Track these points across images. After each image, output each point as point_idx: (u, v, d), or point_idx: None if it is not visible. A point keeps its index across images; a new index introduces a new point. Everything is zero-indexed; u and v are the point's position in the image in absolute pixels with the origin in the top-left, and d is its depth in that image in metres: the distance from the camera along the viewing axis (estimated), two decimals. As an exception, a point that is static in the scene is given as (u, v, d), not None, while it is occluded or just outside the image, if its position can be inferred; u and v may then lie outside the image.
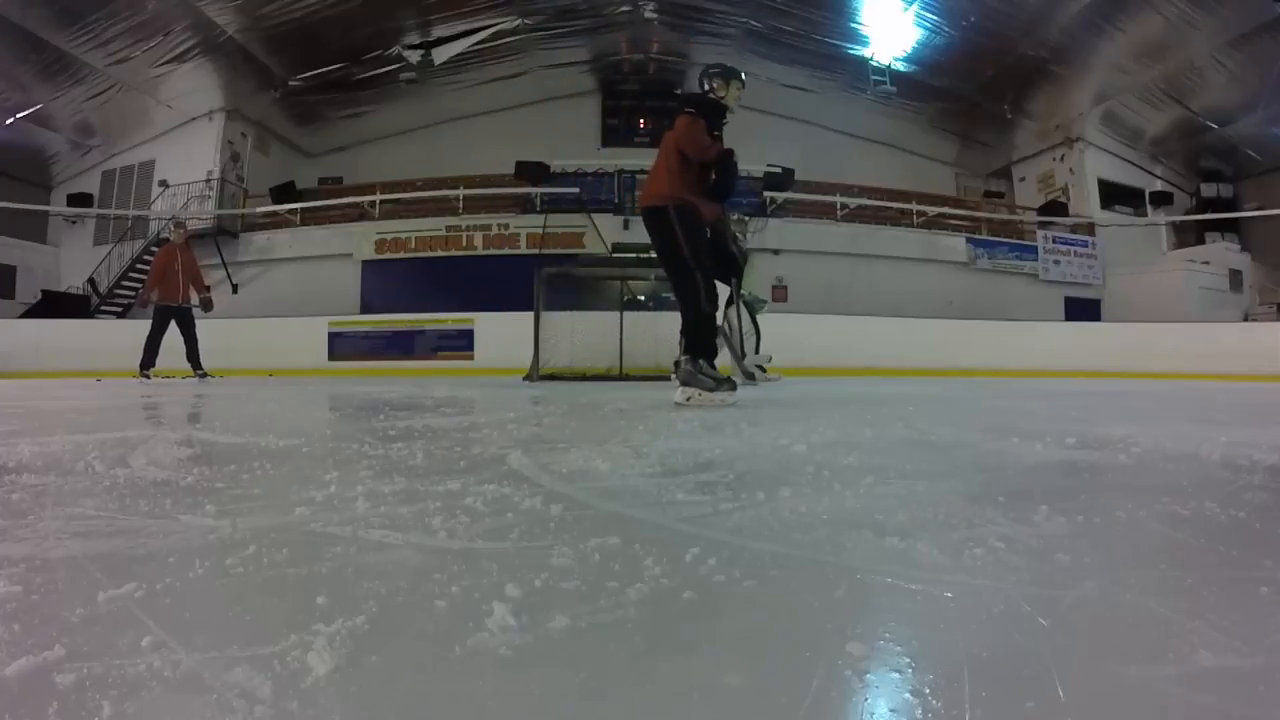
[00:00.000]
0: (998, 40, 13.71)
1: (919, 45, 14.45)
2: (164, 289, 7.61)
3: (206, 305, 7.94)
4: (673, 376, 3.36)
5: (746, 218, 6.83)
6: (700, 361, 3.35)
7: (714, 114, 3.58)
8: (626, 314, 8.75)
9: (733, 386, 3.36)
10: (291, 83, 14.83)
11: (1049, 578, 0.68)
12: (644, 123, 17.45)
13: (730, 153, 3.53)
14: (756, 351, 6.30)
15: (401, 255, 13.92)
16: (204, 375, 7.65)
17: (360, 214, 14.45)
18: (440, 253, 13.81)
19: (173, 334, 7.60)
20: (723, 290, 6.07)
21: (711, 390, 3.25)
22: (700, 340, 3.42)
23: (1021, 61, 14.12)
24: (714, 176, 3.56)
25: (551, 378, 7.39)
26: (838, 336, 10.39)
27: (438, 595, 0.63)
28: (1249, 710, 0.44)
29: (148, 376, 7.39)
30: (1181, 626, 0.56)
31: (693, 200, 3.46)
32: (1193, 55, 12.89)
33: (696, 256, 3.41)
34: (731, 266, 6.09)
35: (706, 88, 3.70)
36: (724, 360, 5.92)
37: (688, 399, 3.22)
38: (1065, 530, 0.87)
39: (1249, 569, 0.74)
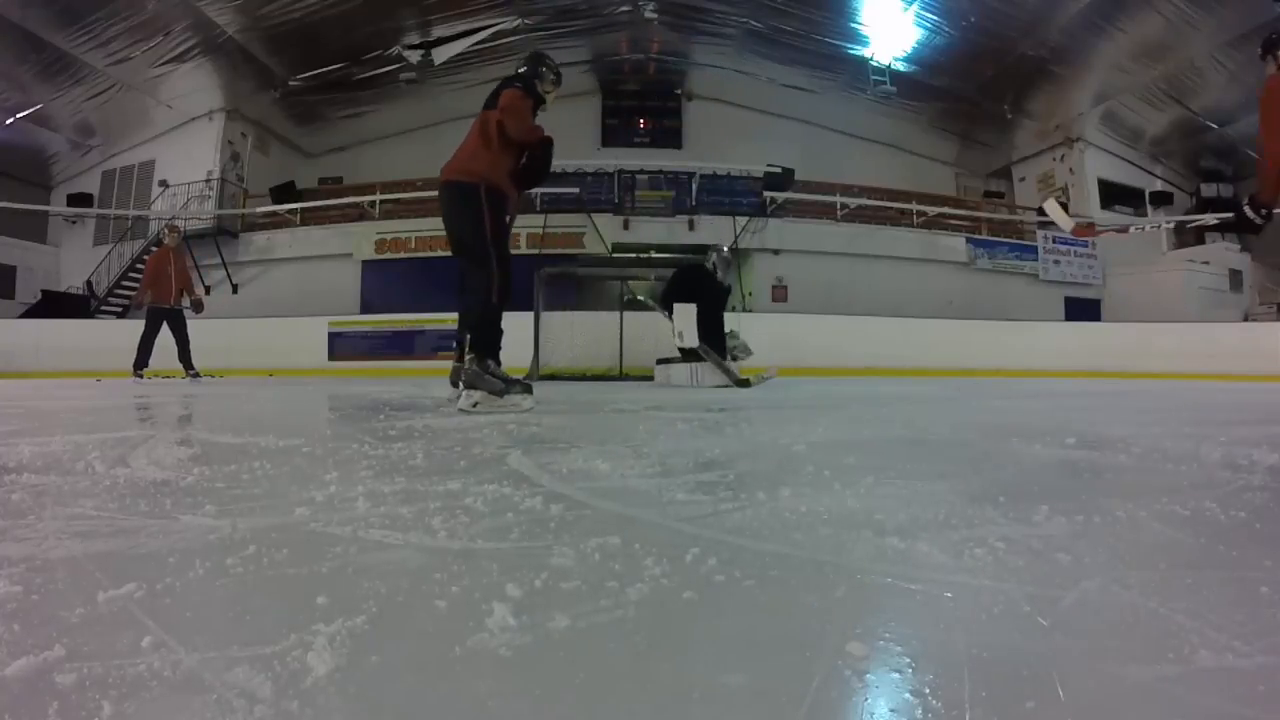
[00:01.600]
0: (998, 40, 13.71)
1: (919, 45, 14.45)
2: (156, 291, 7.73)
3: (197, 307, 8.05)
4: (460, 385, 2.99)
5: (728, 253, 6.84)
6: (488, 361, 2.98)
7: (536, 99, 3.35)
8: (626, 314, 8.76)
9: (527, 389, 3.01)
10: (291, 83, 14.83)
11: (1049, 578, 0.68)
12: (644, 123, 17.45)
13: (550, 141, 3.31)
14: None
15: (401, 255, 13.92)
16: (196, 375, 7.74)
17: (360, 214, 14.45)
18: (440, 253, 13.76)
19: (166, 335, 7.70)
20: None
21: (500, 394, 2.86)
22: (488, 337, 3.08)
23: (1021, 61, 14.13)
24: (525, 162, 3.31)
25: (551, 378, 7.40)
26: (838, 336, 10.39)
27: (438, 595, 0.63)
28: (1249, 710, 0.44)
29: (141, 376, 7.52)
30: (1181, 626, 0.56)
31: (504, 186, 3.23)
32: (1193, 55, 12.89)
33: (497, 244, 3.15)
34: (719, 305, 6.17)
35: (534, 72, 3.45)
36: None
37: (474, 404, 2.79)
38: (1065, 530, 0.87)
39: (1249, 569, 0.74)
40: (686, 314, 5.91)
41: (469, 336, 3.19)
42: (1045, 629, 0.57)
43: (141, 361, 7.57)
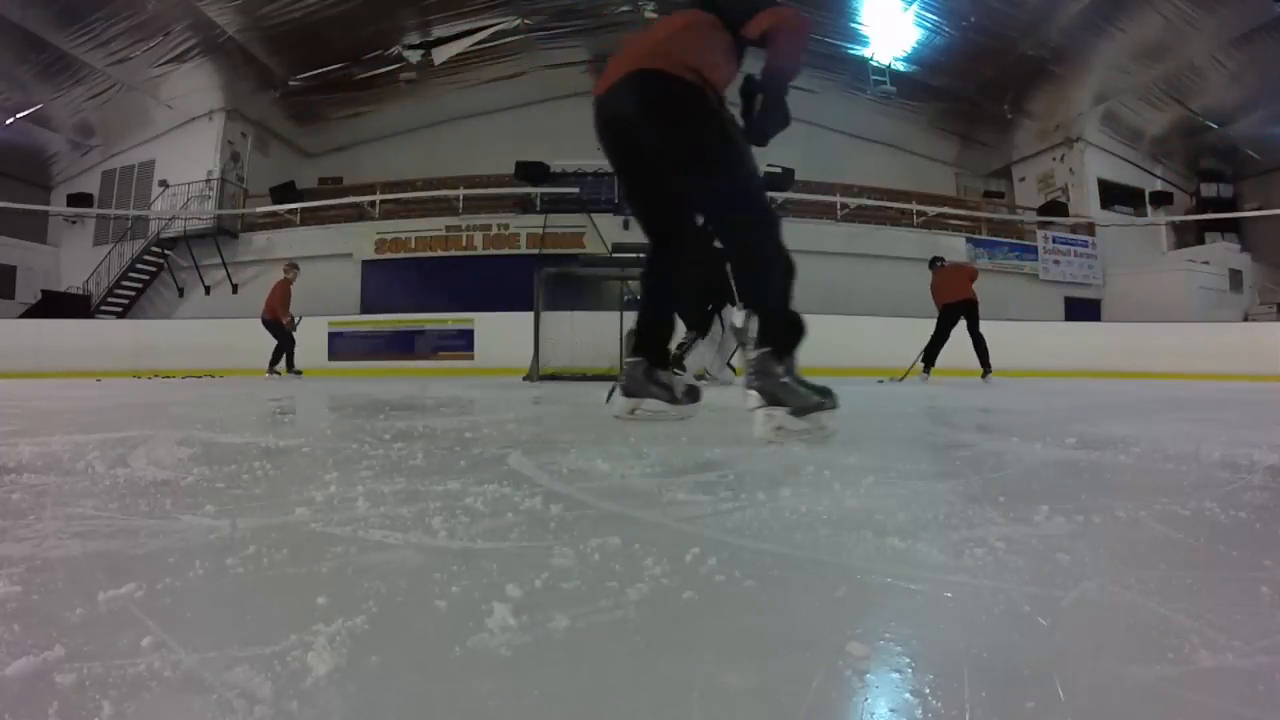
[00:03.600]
0: (998, 40, 13.72)
1: (919, 45, 14.46)
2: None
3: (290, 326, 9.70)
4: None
5: None
6: (790, 361, 1.96)
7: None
8: (627, 314, 8.75)
9: (827, 395, 1.86)
10: (291, 83, 14.84)
11: (1049, 578, 0.68)
12: (644, 123, 17.42)
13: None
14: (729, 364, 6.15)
15: (401, 255, 13.94)
16: (298, 373, 9.36)
17: (360, 214, 14.46)
18: (440, 253, 13.82)
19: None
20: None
21: (809, 410, 1.83)
22: (788, 321, 2.02)
23: (1021, 61, 14.14)
24: (757, 105, 2.21)
25: (552, 378, 7.40)
26: (838, 336, 10.38)
27: (438, 595, 0.63)
28: (1249, 710, 0.44)
29: (299, 374, 9.39)
30: (1181, 626, 0.56)
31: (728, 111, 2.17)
32: (1193, 55, 12.90)
33: (759, 181, 2.18)
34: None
35: None
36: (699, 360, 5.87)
37: (777, 429, 1.80)
38: (1065, 530, 0.87)
39: (1249, 569, 0.74)
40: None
41: (758, 323, 1.99)
42: (1045, 629, 0.57)
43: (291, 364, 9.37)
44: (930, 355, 8.21)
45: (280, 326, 9.33)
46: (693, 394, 2.47)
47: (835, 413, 1.85)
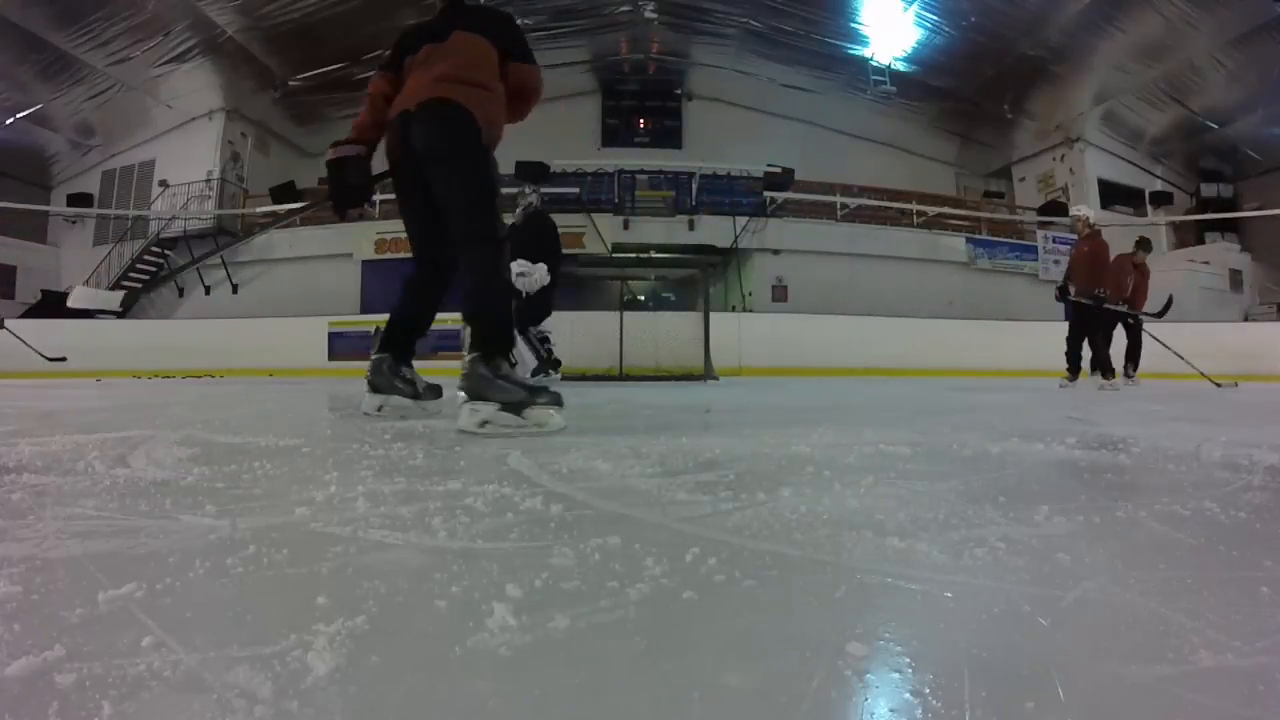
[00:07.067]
0: (998, 40, 13.73)
1: (919, 45, 14.47)
2: None
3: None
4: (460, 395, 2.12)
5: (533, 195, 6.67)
6: (502, 361, 2.11)
7: None
8: (626, 314, 8.76)
9: (557, 400, 2.07)
10: (291, 83, 14.84)
11: (1049, 578, 0.68)
12: (644, 123, 17.47)
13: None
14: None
15: (402, 255, 13.91)
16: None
17: (360, 214, 14.45)
18: (440, 253, 13.80)
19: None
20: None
21: (520, 407, 1.99)
22: (505, 326, 2.25)
23: (1021, 61, 14.14)
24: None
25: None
26: (838, 336, 10.39)
27: (438, 595, 0.63)
28: (1249, 710, 0.44)
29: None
30: (1181, 626, 0.56)
31: (497, 136, 2.38)
32: (1193, 55, 12.90)
33: (497, 204, 2.29)
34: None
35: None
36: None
37: (482, 423, 1.97)
38: (1065, 530, 0.87)
39: (1249, 569, 0.74)
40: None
41: (470, 329, 2.25)
42: (1045, 629, 0.57)
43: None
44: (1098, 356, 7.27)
45: None
46: (434, 391, 2.63)
47: (562, 410, 2.07)
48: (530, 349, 6.13)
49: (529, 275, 5.83)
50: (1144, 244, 7.90)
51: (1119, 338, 7.37)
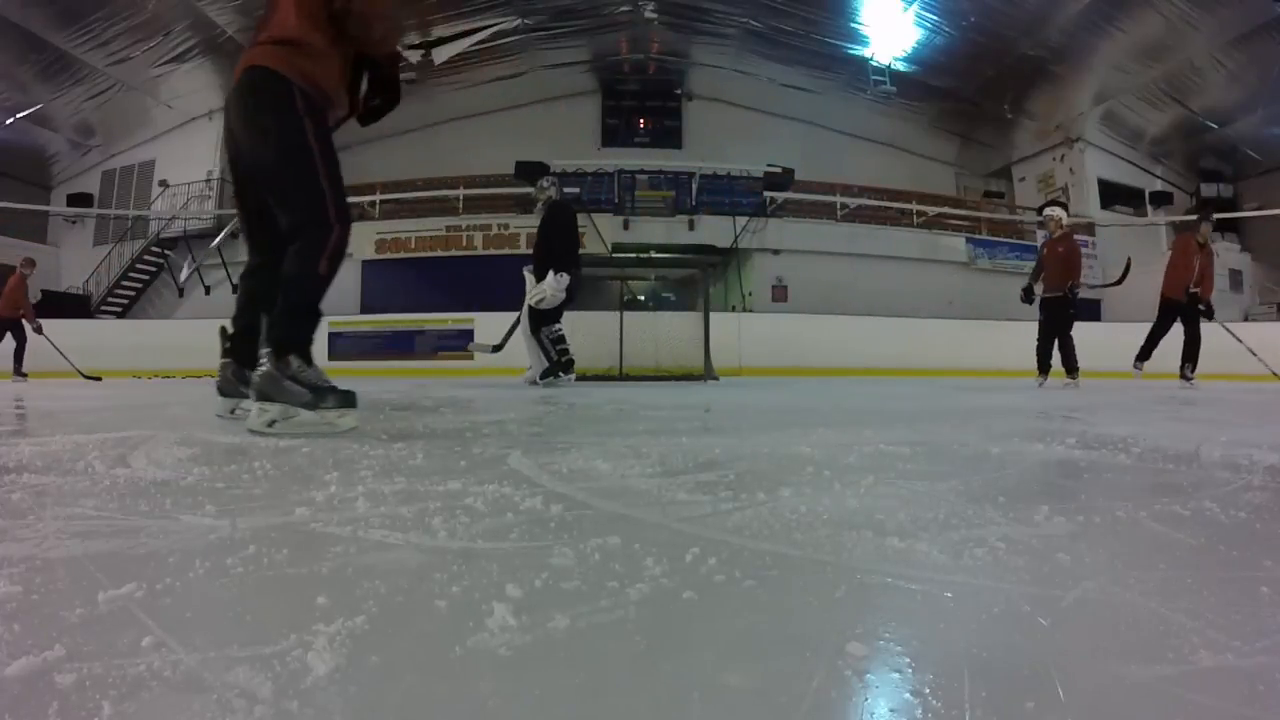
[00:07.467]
0: (998, 40, 13.72)
1: (919, 45, 14.46)
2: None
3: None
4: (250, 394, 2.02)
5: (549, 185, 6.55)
6: (292, 360, 1.98)
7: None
8: (626, 314, 8.76)
9: (348, 400, 1.98)
10: (291, 83, 14.81)
11: (1049, 578, 0.68)
12: (644, 123, 17.46)
13: (399, 57, 2.33)
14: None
15: (401, 255, 13.93)
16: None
17: (360, 214, 14.45)
18: (440, 253, 13.82)
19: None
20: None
21: (310, 406, 1.93)
22: (303, 325, 2.05)
23: (1021, 61, 14.14)
24: (370, 87, 2.28)
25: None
26: (838, 336, 10.39)
27: (438, 595, 0.63)
28: (1249, 710, 0.44)
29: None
30: (1181, 626, 0.56)
31: (330, 92, 2.13)
32: (1193, 55, 12.90)
33: (333, 179, 2.07)
34: None
35: None
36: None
37: (270, 424, 1.91)
38: (1065, 530, 0.87)
39: (1249, 569, 0.74)
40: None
41: (268, 324, 2.08)
42: (1045, 629, 0.57)
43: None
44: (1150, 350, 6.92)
45: (19, 324, 8.99)
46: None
47: (353, 411, 1.99)
48: (542, 351, 6.06)
49: (546, 294, 5.84)
50: (1205, 216, 7.05)
51: (1175, 333, 6.68)
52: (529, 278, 6.18)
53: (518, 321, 6.36)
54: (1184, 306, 6.71)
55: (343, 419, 1.96)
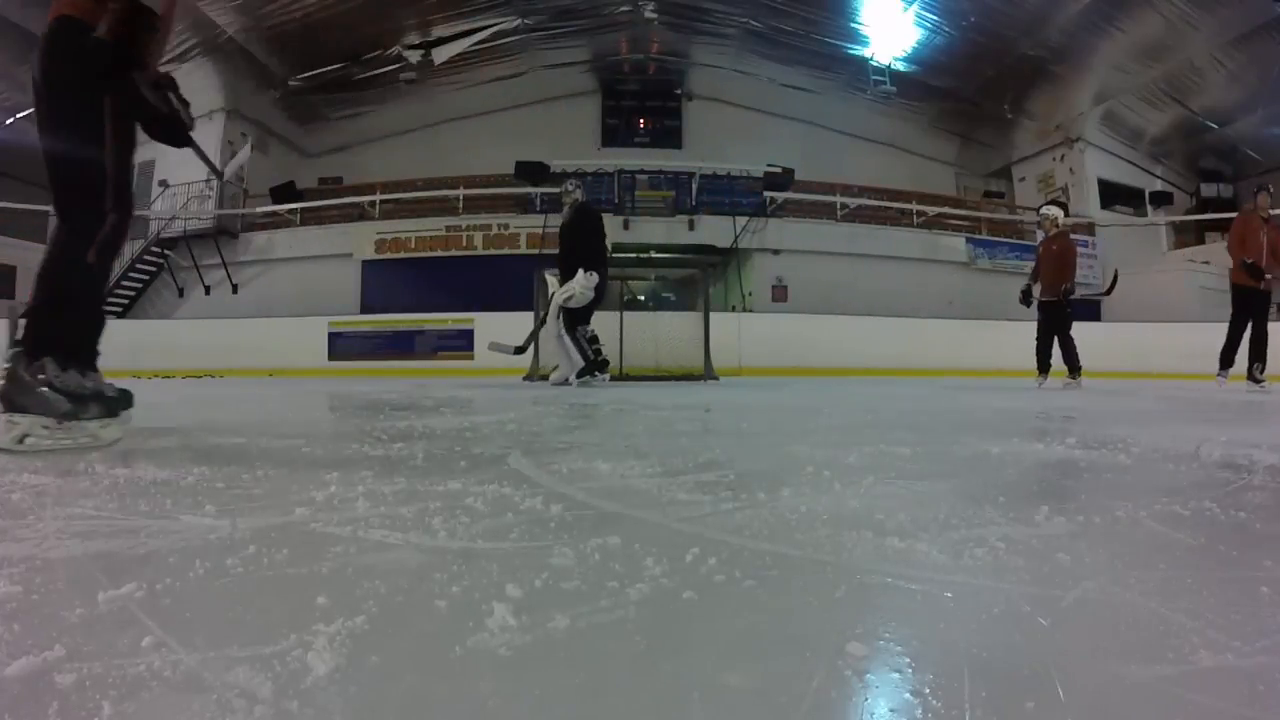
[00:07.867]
0: (998, 40, 13.72)
1: (919, 45, 14.46)
2: None
3: None
4: None
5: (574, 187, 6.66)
6: (47, 363, 1.70)
7: None
8: (626, 314, 8.76)
9: (111, 410, 1.76)
10: (291, 83, 14.84)
11: (1049, 578, 0.69)
12: (644, 123, 17.46)
13: (172, 81, 1.99)
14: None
15: (401, 255, 13.92)
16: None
17: (360, 214, 14.45)
18: (440, 253, 13.80)
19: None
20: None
21: (63, 417, 1.65)
22: (61, 321, 1.85)
23: (1021, 61, 14.13)
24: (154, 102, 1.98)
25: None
26: (838, 336, 10.39)
27: (438, 595, 0.63)
28: (1249, 710, 0.44)
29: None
30: (1181, 626, 0.56)
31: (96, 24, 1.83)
32: (1193, 55, 12.89)
33: (119, 143, 1.92)
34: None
35: None
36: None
37: (21, 439, 1.61)
38: (1065, 530, 0.87)
39: (1249, 569, 0.74)
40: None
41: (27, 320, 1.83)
42: (1045, 629, 0.57)
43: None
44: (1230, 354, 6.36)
45: None
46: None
47: (117, 422, 1.76)
48: (578, 349, 6.06)
49: (576, 291, 5.86)
50: (1263, 185, 6.40)
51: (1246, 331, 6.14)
52: (551, 280, 6.18)
53: (542, 323, 6.37)
54: (1260, 294, 6.05)
55: (105, 430, 1.71)
